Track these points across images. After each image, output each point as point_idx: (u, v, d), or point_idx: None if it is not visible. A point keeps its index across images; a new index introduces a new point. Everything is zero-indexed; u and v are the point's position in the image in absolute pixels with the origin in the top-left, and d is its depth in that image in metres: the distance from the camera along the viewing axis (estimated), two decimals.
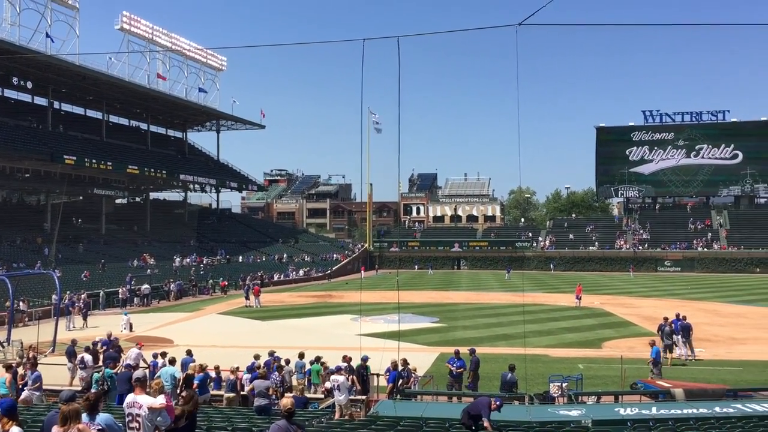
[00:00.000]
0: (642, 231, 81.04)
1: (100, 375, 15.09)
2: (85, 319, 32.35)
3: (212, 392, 15.25)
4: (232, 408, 14.13)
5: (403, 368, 16.22)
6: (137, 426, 7.73)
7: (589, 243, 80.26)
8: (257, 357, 16.51)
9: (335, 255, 77.29)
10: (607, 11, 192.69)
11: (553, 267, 75.14)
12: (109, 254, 52.53)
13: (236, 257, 66.11)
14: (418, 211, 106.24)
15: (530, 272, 72.70)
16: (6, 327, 24.86)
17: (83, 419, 6.31)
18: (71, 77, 55.86)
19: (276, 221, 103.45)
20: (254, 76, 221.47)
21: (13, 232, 50.41)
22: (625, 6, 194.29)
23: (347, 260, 75.76)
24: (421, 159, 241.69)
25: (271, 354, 17.44)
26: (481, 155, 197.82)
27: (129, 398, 8.03)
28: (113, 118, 69.67)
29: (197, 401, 9.23)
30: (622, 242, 79.25)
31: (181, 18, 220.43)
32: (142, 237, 63.86)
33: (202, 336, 28.06)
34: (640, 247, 76.97)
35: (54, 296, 31.32)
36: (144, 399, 7.85)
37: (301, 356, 17.57)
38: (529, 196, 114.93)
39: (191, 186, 74.55)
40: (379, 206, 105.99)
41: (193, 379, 14.07)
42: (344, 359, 16.28)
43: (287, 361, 16.98)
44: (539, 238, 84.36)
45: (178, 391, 13.06)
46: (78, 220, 61.94)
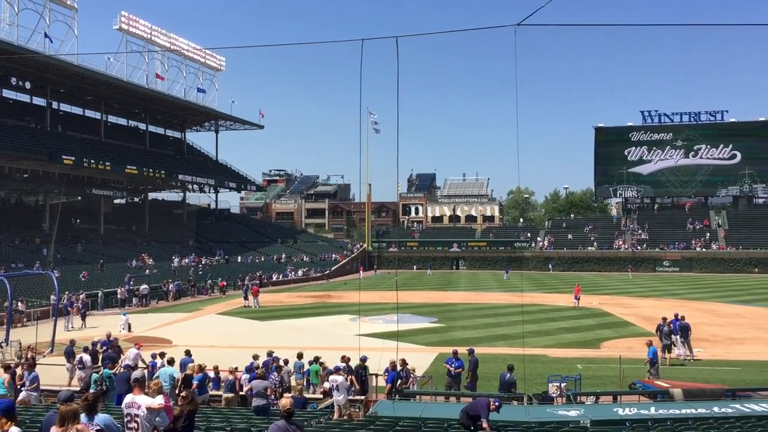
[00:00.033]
0: (640, 231, 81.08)
1: (99, 375, 15.07)
2: (83, 319, 32.37)
3: (211, 392, 15.25)
4: (231, 408, 14.12)
5: (401, 368, 16.22)
6: (136, 426, 7.74)
7: (588, 243, 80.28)
8: (256, 357, 16.52)
9: (334, 255, 77.30)
10: (605, 11, 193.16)
11: (551, 267, 75.20)
12: (108, 254, 52.49)
13: (235, 257, 66.10)
14: (417, 212, 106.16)
15: (529, 272, 72.71)
16: (5, 327, 24.84)
17: (82, 419, 6.30)
18: (70, 77, 55.84)
19: (275, 221, 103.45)
20: (253, 77, 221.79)
21: (11, 232, 50.36)
22: (624, 6, 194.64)
23: (346, 260, 75.79)
24: (419, 159, 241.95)
25: (270, 354, 17.43)
26: (480, 155, 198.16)
27: (128, 398, 8.03)
28: (112, 118, 69.68)
29: (197, 401, 9.25)
30: (620, 242, 79.32)
31: (179, 18, 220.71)
32: (140, 237, 63.82)
33: (201, 336, 28.07)
34: (639, 247, 77.00)
35: (52, 296, 31.30)
36: (143, 399, 7.86)
37: (300, 356, 17.56)
38: (527, 196, 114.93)
39: (190, 186, 74.52)
40: (378, 206, 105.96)
41: (192, 380, 14.08)
42: (343, 359, 16.29)
43: (286, 362, 16.99)
44: (538, 238, 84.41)
45: (177, 392, 13.06)
46: (76, 220, 61.91)
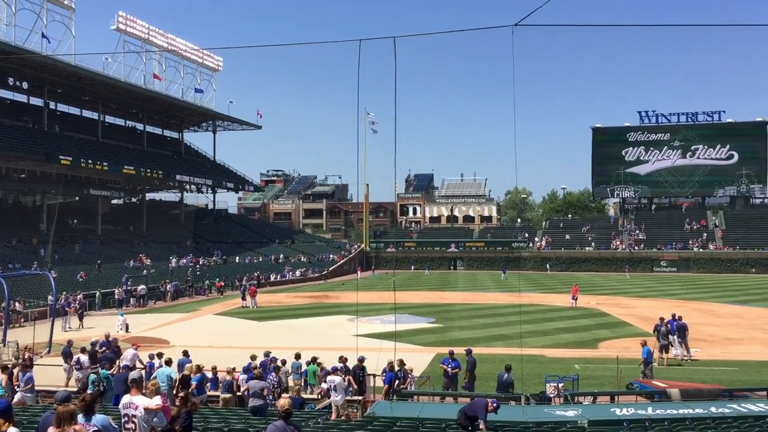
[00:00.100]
0: (638, 231, 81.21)
1: (97, 376, 15.06)
2: (81, 319, 32.31)
3: (209, 393, 15.24)
4: (229, 409, 14.11)
5: (399, 369, 16.21)
6: (133, 427, 7.74)
7: (586, 243, 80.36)
8: (254, 357, 16.51)
9: (332, 255, 77.30)
10: (603, 12, 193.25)
11: (549, 267, 75.23)
12: (106, 255, 52.42)
13: (233, 258, 66.02)
14: (415, 212, 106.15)
15: (526, 273, 72.88)
16: (2, 328, 24.79)
17: (79, 420, 6.30)
18: (67, 77, 55.74)
19: (272, 222, 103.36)
20: (250, 77, 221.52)
21: (8, 232, 50.25)
22: (622, 7, 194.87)
23: (344, 261, 75.76)
24: (417, 159, 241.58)
25: (267, 355, 17.43)
26: (478, 156, 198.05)
27: (125, 399, 8.03)
28: (109, 119, 69.52)
29: (195, 402, 9.24)
30: (618, 243, 79.41)
31: (177, 18, 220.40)
32: (138, 238, 63.73)
33: (199, 337, 28.04)
34: (636, 247, 77.10)
35: (50, 297, 31.25)
36: (140, 400, 7.86)
37: (298, 357, 17.55)
38: (525, 196, 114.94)
39: (187, 186, 74.48)
40: (376, 207, 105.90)
41: (190, 380, 14.09)
42: (341, 360, 16.29)
43: (284, 362, 16.98)
44: (535, 238, 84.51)
45: (175, 392, 13.05)
46: (74, 220, 61.79)
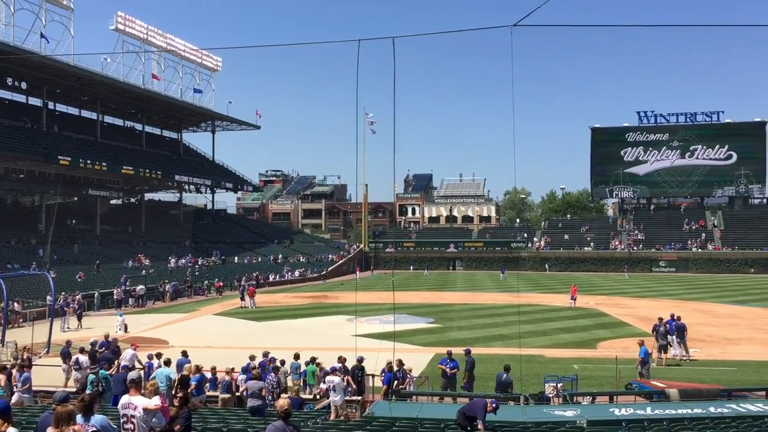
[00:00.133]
0: (637, 231, 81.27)
1: (96, 376, 15.05)
2: (79, 320, 32.30)
3: (208, 393, 15.24)
4: (228, 409, 14.11)
5: (398, 369, 16.20)
6: (132, 427, 7.73)
7: (584, 243, 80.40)
8: (252, 358, 16.50)
9: (330, 256, 77.29)
10: (602, 12, 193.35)
11: (548, 267, 75.28)
12: (104, 255, 52.38)
13: (231, 258, 65.99)
14: (414, 212, 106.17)
15: (525, 273, 72.94)
16: (0, 328, 24.76)
17: (78, 420, 6.30)
18: (66, 77, 55.71)
19: (271, 222, 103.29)
20: (249, 77, 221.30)
21: (7, 233, 50.19)
22: (621, 7, 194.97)
23: (343, 261, 75.75)
24: (416, 160, 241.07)
25: (266, 355, 17.43)
26: (477, 156, 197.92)
27: (124, 399, 8.02)
28: (108, 119, 69.47)
29: (193, 402, 9.24)
30: (616, 243, 79.45)
31: (176, 18, 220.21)
32: (137, 238, 63.69)
33: (198, 337, 28.02)
34: (635, 247, 77.17)
35: (49, 297, 31.24)
36: (139, 400, 7.85)
37: (297, 357, 17.55)
38: (524, 196, 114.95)
39: (186, 187, 74.44)
40: (375, 207, 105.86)
41: (189, 381, 14.07)
42: (339, 360, 16.30)
43: (283, 362, 16.98)
44: (534, 238, 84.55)
45: (173, 393, 13.04)
46: (73, 221, 61.74)
